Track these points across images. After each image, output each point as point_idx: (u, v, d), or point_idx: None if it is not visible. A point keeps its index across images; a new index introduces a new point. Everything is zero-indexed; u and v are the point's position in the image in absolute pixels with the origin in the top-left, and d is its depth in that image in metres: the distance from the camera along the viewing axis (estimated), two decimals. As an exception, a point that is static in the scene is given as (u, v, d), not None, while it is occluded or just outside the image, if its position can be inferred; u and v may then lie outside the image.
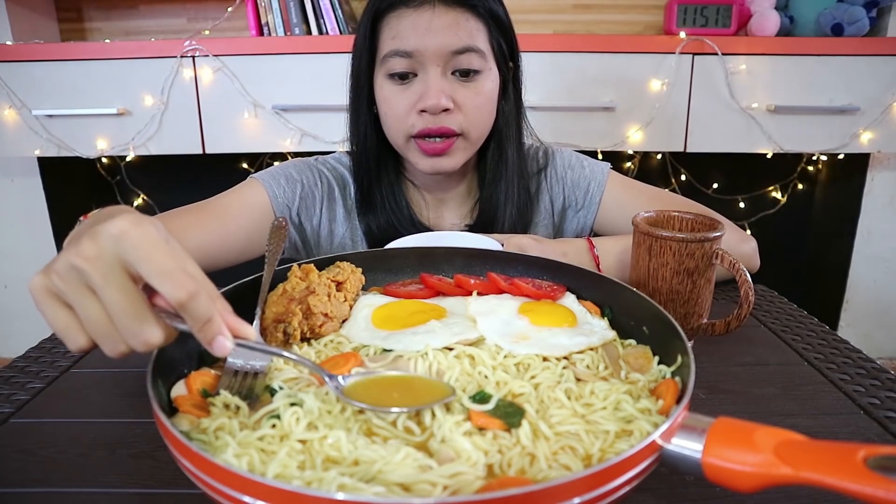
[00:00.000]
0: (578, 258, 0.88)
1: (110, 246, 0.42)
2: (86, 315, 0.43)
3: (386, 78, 0.92)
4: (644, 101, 1.92)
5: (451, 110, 0.91)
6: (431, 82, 0.89)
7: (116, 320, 0.43)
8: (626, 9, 2.24)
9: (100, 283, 0.42)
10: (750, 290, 0.64)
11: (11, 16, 2.05)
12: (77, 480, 0.51)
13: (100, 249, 0.42)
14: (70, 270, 0.42)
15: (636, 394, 0.50)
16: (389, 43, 0.90)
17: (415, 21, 0.88)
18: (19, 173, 2.21)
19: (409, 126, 0.92)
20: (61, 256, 0.43)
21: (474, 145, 0.97)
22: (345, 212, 1.04)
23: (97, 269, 0.42)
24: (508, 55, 0.97)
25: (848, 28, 1.88)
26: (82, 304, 0.43)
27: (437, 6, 0.88)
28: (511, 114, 1.00)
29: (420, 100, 0.90)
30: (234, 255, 0.95)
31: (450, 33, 0.88)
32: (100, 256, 0.42)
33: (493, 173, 1.01)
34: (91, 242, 0.42)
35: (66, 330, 0.44)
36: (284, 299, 0.59)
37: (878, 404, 0.62)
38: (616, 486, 0.36)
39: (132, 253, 0.42)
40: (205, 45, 1.87)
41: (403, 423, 0.46)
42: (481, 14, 0.90)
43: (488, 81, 0.93)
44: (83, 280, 0.42)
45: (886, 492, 0.32)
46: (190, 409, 0.47)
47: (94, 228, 0.43)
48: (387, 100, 0.93)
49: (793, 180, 2.36)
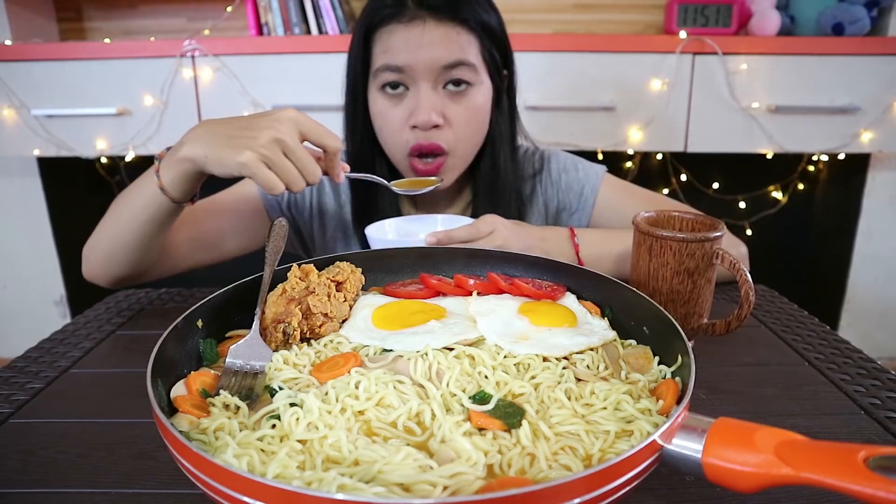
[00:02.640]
0: (558, 245, 0.89)
1: (292, 124, 0.71)
2: (283, 168, 0.70)
3: (379, 91, 0.93)
4: (644, 101, 1.92)
5: (442, 126, 0.92)
6: (422, 98, 0.90)
7: (301, 166, 0.71)
8: (626, 9, 2.24)
9: (292, 146, 0.70)
10: (750, 290, 0.64)
11: (11, 16, 2.05)
12: (77, 480, 0.51)
13: (287, 126, 0.70)
14: (273, 142, 0.69)
15: (636, 394, 0.50)
16: (381, 57, 0.90)
17: (406, 36, 0.88)
18: (19, 173, 2.21)
19: (404, 141, 0.94)
20: (259, 136, 0.68)
21: (464, 161, 0.98)
22: (336, 207, 1.05)
23: (291, 135, 0.70)
24: (502, 64, 0.97)
25: (848, 28, 1.88)
26: (280, 161, 0.69)
27: (428, 21, 0.88)
28: (504, 123, 1.00)
29: (412, 115, 0.91)
30: (230, 250, 0.98)
31: (441, 48, 0.88)
32: (288, 131, 0.70)
33: (486, 182, 1.01)
34: (279, 123, 0.70)
35: (272, 181, 0.69)
36: (284, 299, 0.59)
37: (879, 404, 0.62)
38: (616, 486, 0.36)
39: (305, 125, 0.72)
40: (204, 45, 1.87)
41: (404, 423, 0.46)
42: (473, 27, 0.90)
43: (479, 94, 0.93)
44: (281, 147, 0.69)
45: (887, 492, 0.32)
46: (190, 410, 0.47)
47: (272, 118, 0.70)
48: (381, 114, 0.94)
49: (793, 180, 2.36)
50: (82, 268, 0.88)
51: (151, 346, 0.49)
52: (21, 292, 2.35)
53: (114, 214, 0.84)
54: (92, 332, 0.82)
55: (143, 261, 0.85)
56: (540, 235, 0.88)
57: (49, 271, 2.30)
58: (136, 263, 0.85)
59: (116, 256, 0.84)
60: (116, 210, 0.83)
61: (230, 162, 0.69)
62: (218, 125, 0.73)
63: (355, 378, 0.50)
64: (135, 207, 0.80)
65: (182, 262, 0.93)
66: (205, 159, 0.71)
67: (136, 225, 0.80)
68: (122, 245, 0.82)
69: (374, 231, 0.86)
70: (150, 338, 0.61)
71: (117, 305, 0.91)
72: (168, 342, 0.51)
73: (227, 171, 0.71)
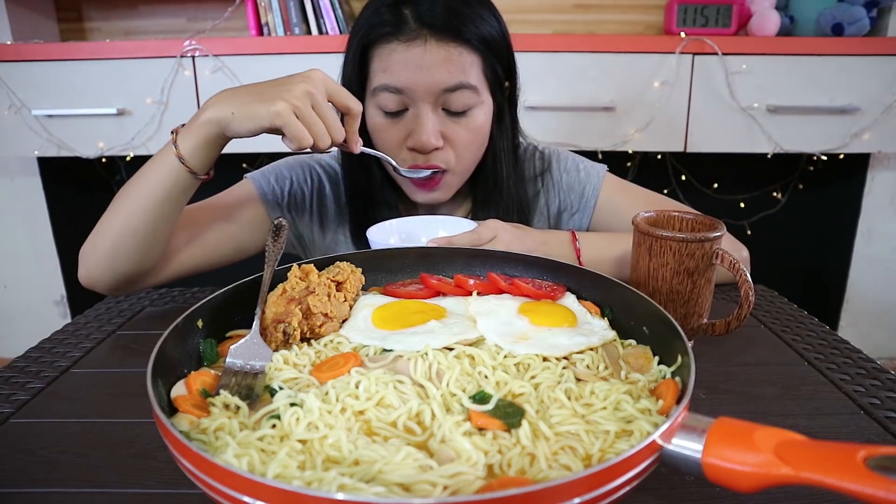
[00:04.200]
0: (560, 249, 0.89)
1: (321, 83, 0.75)
2: (313, 121, 0.73)
3: (377, 109, 0.92)
4: (644, 101, 1.92)
5: (441, 147, 0.91)
6: (422, 121, 0.88)
7: (327, 122, 0.74)
8: (626, 9, 2.24)
9: (320, 101, 0.73)
10: (750, 290, 0.64)
11: (11, 16, 2.05)
12: (77, 480, 0.51)
13: (317, 84, 0.74)
14: (305, 95, 0.72)
15: (636, 394, 0.50)
16: (380, 76, 0.88)
17: (406, 57, 0.86)
18: (19, 173, 2.21)
19: (399, 160, 0.92)
20: (293, 89, 0.72)
21: (463, 178, 0.98)
22: (336, 208, 1.05)
23: (320, 92, 0.74)
24: (504, 76, 0.95)
25: (848, 28, 1.88)
26: (311, 114, 0.72)
27: (430, 41, 0.85)
28: (506, 136, 0.99)
29: (410, 136, 0.90)
30: (230, 253, 0.96)
31: (442, 70, 0.86)
32: (318, 88, 0.74)
33: (487, 191, 1.01)
34: (310, 80, 0.74)
35: (301, 131, 0.72)
36: (284, 299, 0.59)
37: (879, 404, 0.62)
38: (616, 486, 0.36)
39: (331, 86, 0.76)
40: (204, 45, 1.87)
41: (404, 423, 0.46)
42: (475, 46, 0.88)
43: (480, 115, 0.92)
44: (311, 100, 0.73)
45: (886, 492, 0.32)
46: (190, 409, 0.47)
47: (303, 76, 0.74)
48: (378, 131, 0.93)
49: (793, 180, 2.36)
50: (79, 272, 0.84)
51: (151, 346, 0.49)
52: (21, 292, 2.35)
53: (121, 202, 0.81)
54: (92, 332, 0.82)
55: (150, 253, 0.82)
56: (541, 239, 0.88)
57: (49, 271, 2.30)
58: (143, 255, 0.81)
59: (124, 246, 0.80)
60: (122, 199, 0.81)
61: (263, 113, 0.71)
62: (242, 88, 0.76)
63: (355, 378, 0.50)
64: (148, 186, 0.78)
65: (181, 267, 0.90)
66: (231, 117, 0.72)
67: (150, 204, 0.78)
68: (132, 232, 0.79)
69: (375, 233, 0.86)
70: (151, 338, 0.61)
71: (117, 305, 0.91)
72: (168, 342, 0.51)
73: (256, 126, 0.72)
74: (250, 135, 0.74)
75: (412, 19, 0.86)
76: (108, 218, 0.82)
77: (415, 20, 0.86)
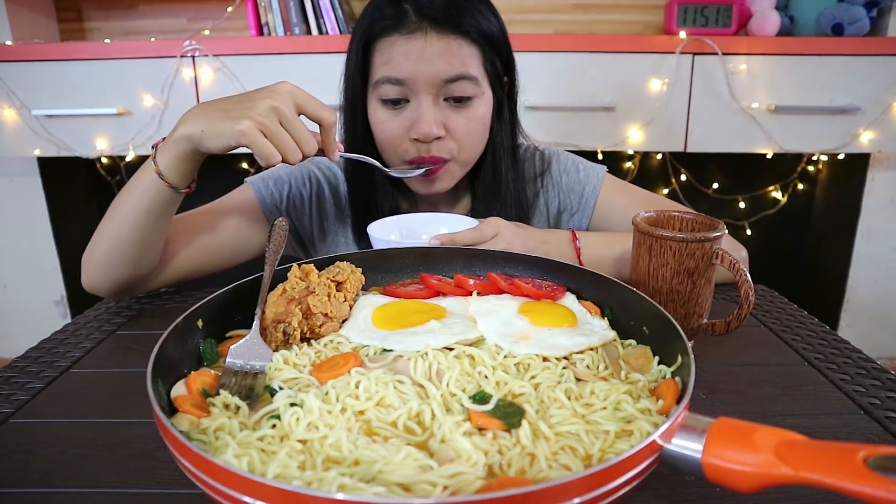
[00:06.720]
0: (560, 248, 0.89)
1: (289, 96, 0.72)
2: (280, 137, 0.71)
3: (378, 102, 0.93)
4: (644, 101, 1.92)
5: (443, 137, 0.92)
6: (424, 111, 0.90)
7: (297, 136, 0.72)
8: (626, 9, 2.24)
9: (289, 116, 0.71)
10: (750, 290, 0.64)
11: (11, 16, 2.05)
12: (77, 480, 0.51)
13: (284, 98, 0.71)
14: (271, 110, 0.70)
15: (636, 394, 0.50)
16: (382, 69, 0.90)
17: (407, 48, 0.88)
18: (19, 173, 2.21)
19: (402, 151, 0.93)
20: (257, 106, 0.70)
21: (464, 168, 0.98)
22: (336, 210, 1.05)
23: (287, 106, 0.71)
24: (503, 71, 0.96)
25: (848, 28, 1.88)
26: (277, 130, 0.71)
27: (430, 33, 0.87)
28: (505, 131, 1.00)
29: (412, 127, 0.91)
30: (228, 257, 0.97)
31: (442, 61, 0.88)
32: (286, 102, 0.71)
33: (486, 187, 1.01)
34: (276, 94, 0.71)
35: (268, 149, 0.70)
36: (284, 299, 0.59)
37: (879, 404, 0.62)
38: (616, 486, 0.36)
39: (301, 98, 0.73)
40: (205, 45, 1.87)
41: (404, 423, 0.46)
42: (475, 39, 0.90)
43: (481, 106, 0.93)
44: (278, 116, 0.71)
45: (886, 492, 0.32)
46: (190, 409, 0.47)
47: (269, 90, 0.72)
48: (380, 124, 0.94)
49: (793, 180, 2.36)
50: (82, 277, 0.87)
51: (151, 346, 0.49)
52: (21, 292, 2.35)
53: (112, 213, 0.83)
54: (92, 332, 0.81)
55: (144, 260, 0.84)
56: (542, 238, 0.89)
57: (49, 271, 2.30)
58: (137, 263, 0.84)
59: (117, 256, 0.82)
60: (114, 209, 0.83)
61: (228, 132, 0.70)
62: (213, 103, 0.74)
63: (355, 378, 0.50)
64: (132, 199, 0.79)
65: (181, 272, 0.91)
66: (201, 134, 0.72)
67: (134, 217, 0.79)
68: (123, 242, 0.81)
69: (376, 229, 0.86)
70: (151, 338, 0.61)
71: (117, 305, 0.91)
72: (168, 342, 0.51)
73: (224, 143, 0.71)
74: (222, 152, 0.74)
75: (412, 13, 0.88)
76: (101, 228, 0.84)
77: (415, 13, 0.88)
